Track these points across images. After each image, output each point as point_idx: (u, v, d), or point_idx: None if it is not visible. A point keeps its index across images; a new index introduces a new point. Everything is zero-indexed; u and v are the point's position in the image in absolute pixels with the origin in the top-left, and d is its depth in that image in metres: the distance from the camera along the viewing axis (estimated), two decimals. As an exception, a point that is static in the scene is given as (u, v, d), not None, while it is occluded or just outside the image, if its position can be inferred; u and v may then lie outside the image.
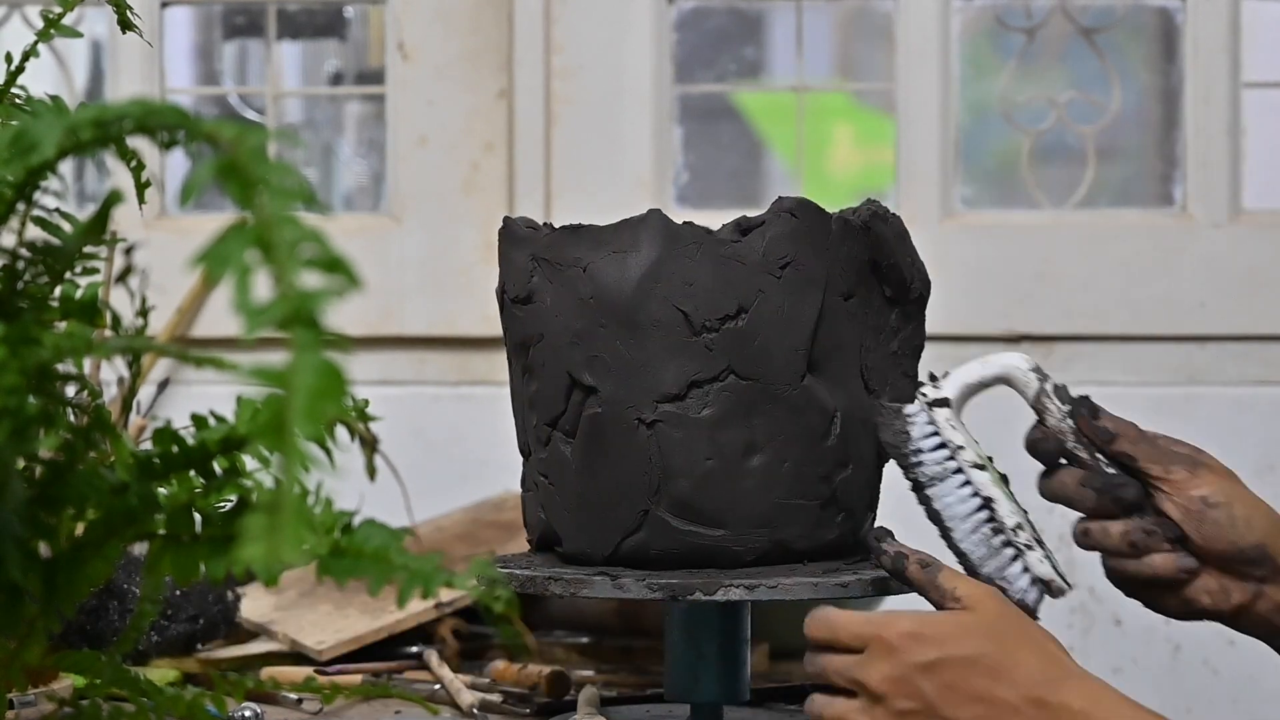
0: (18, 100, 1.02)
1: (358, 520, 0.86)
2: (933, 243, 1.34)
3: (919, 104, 2.16)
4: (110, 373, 1.85)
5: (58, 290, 0.90)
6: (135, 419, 1.90)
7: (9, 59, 1.05)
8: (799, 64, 2.25)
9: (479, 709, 1.44)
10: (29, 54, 1.05)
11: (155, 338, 2.01)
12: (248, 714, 1.36)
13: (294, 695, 1.44)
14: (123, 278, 1.10)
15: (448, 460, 2.11)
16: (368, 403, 0.95)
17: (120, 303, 1.12)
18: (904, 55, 2.16)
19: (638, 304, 1.24)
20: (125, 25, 1.08)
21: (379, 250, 2.16)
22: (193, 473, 0.90)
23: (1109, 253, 2.14)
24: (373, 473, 0.91)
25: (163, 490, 0.90)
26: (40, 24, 1.07)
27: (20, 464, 0.87)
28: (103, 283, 0.93)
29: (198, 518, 0.90)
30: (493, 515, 1.89)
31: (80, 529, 0.90)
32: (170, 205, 2.22)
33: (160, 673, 1.52)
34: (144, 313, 1.31)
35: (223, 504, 0.90)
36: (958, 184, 2.18)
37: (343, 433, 0.92)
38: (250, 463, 0.90)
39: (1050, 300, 2.14)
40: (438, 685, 1.50)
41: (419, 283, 2.16)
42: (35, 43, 1.06)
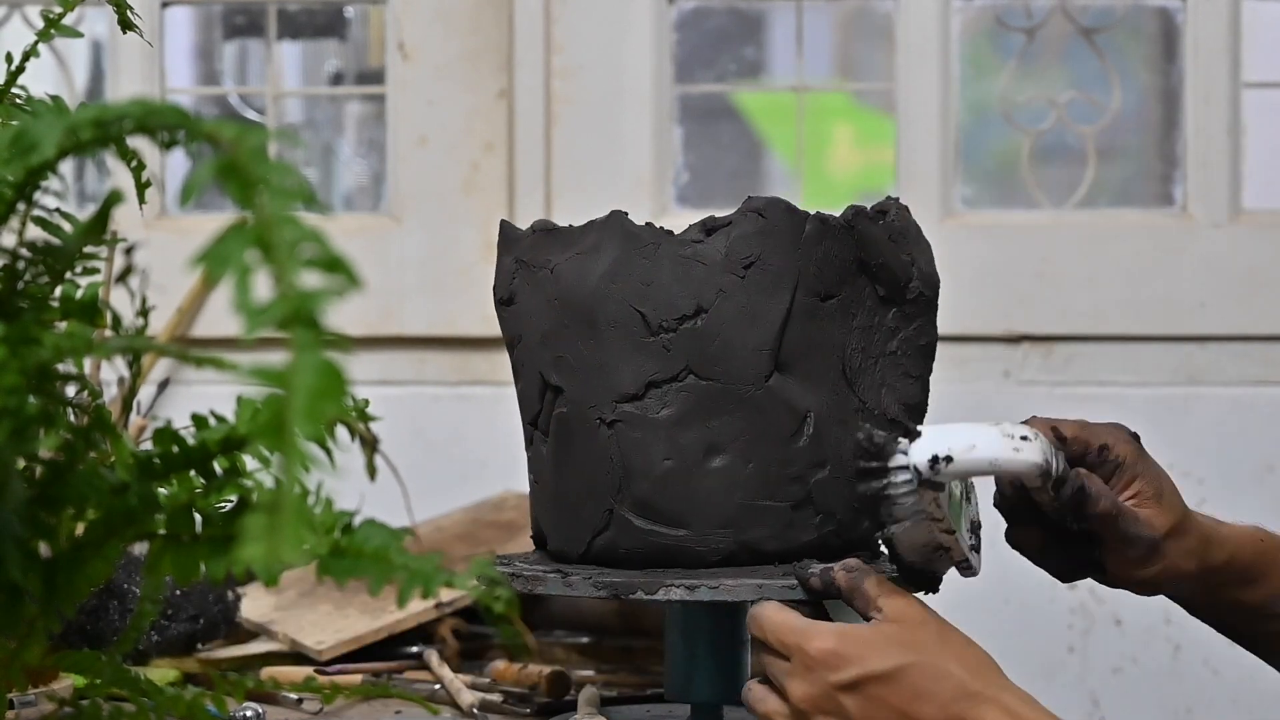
0: (18, 100, 1.02)
1: (358, 520, 0.86)
2: (933, 243, 1.34)
3: (919, 104, 2.16)
4: (110, 373, 1.85)
5: (58, 290, 0.90)
6: (135, 419, 1.90)
7: (9, 59, 1.05)
8: (799, 64, 2.25)
9: (479, 709, 1.44)
10: (29, 54, 1.05)
11: (155, 338, 2.01)
12: (248, 714, 1.36)
13: (294, 695, 1.44)
14: (123, 278, 1.10)
15: (448, 460, 2.11)
16: (368, 403, 0.95)
17: (120, 303, 1.12)
18: (904, 55, 2.16)
19: (596, 304, 1.25)
20: (125, 25, 1.08)
21: (379, 250, 2.16)
22: (193, 473, 0.90)
23: (1109, 253, 2.14)
24: (373, 473, 0.91)
25: (163, 490, 0.90)
26: (40, 24, 1.07)
27: (20, 464, 0.87)
28: (103, 283, 0.93)
29: (198, 518, 0.90)
30: (493, 515, 1.89)
31: (80, 529, 0.90)
32: (170, 205, 2.22)
33: (160, 673, 1.52)
34: (144, 313, 1.31)
35: (223, 504, 0.90)
36: (958, 184, 2.18)
37: (343, 433, 0.92)
38: (250, 463, 0.90)
39: (1050, 300, 2.14)
40: (438, 685, 1.51)
41: (419, 283, 2.16)
42: (35, 43, 1.06)
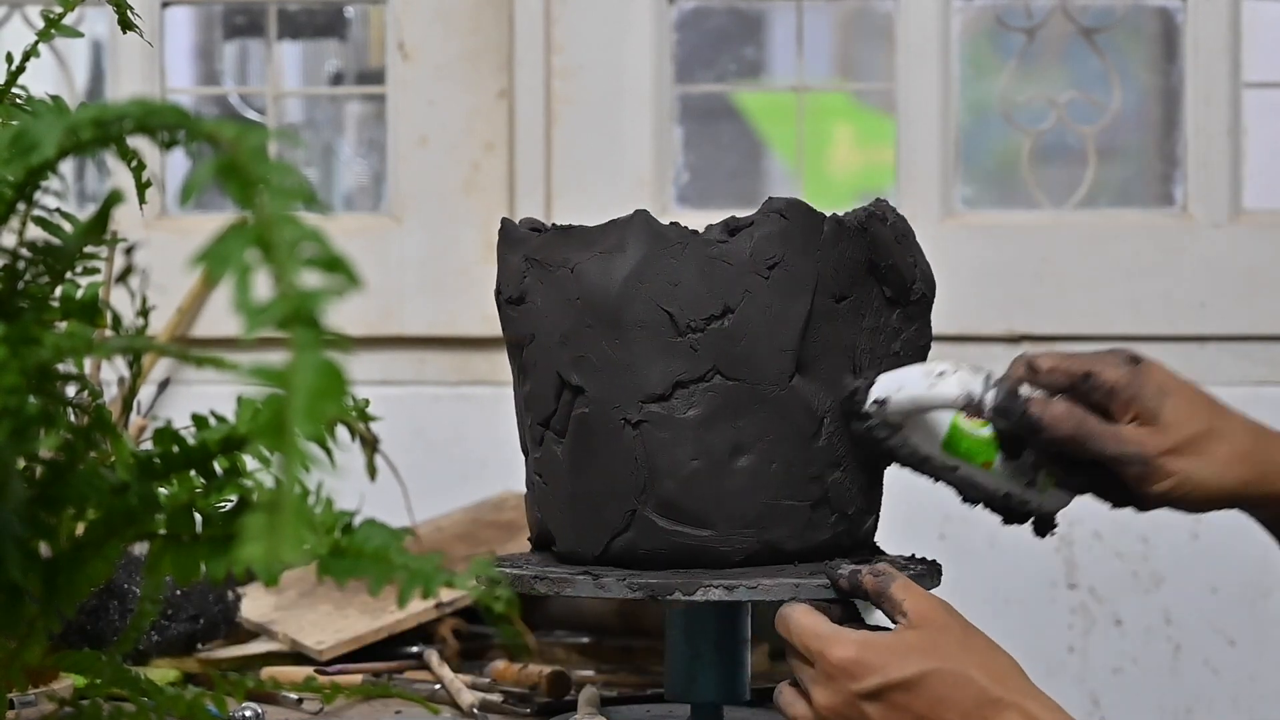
0: (18, 100, 1.02)
1: (358, 520, 0.86)
2: (933, 243, 1.34)
3: (919, 104, 2.16)
4: (110, 373, 1.85)
5: (58, 290, 0.90)
6: (135, 419, 1.90)
7: (9, 59, 1.05)
8: (799, 64, 2.25)
9: (479, 709, 1.44)
10: (29, 54, 1.05)
11: (155, 338, 2.01)
12: (248, 714, 1.36)
13: (294, 695, 1.44)
14: (123, 277, 1.10)
15: (448, 460, 2.11)
16: (368, 403, 0.95)
17: (120, 302, 1.12)
18: (904, 55, 2.16)
19: (622, 304, 1.24)
20: (126, 25, 1.08)
21: (379, 250, 2.16)
22: (193, 473, 0.90)
23: (1109, 253, 2.14)
24: (373, 473, 0.91)
25: (163, 490, 0.90)
26: (41, 24, 1.07)
27: (20, 464, 0.87)
28: (103, 283, 0.93)
29: (198, 518, 0.90)
30: (493, 515, 1.89)
31: (80, 529, 0.90)
32: (171, 205, 2.22)
33: (160, 673, 1.52)
34: (144, 312, 1.31)
35: (223, 504, 0.90)
36: (958, 184, 2.18)
37: (343, 432, 0.92)
38: (250, 463, 0.90)
39: (1050, 300, 2.14)
40: (438, 685, 1.51)
41: (419, 283, 2.16)
42: (36, 43, 1.06)
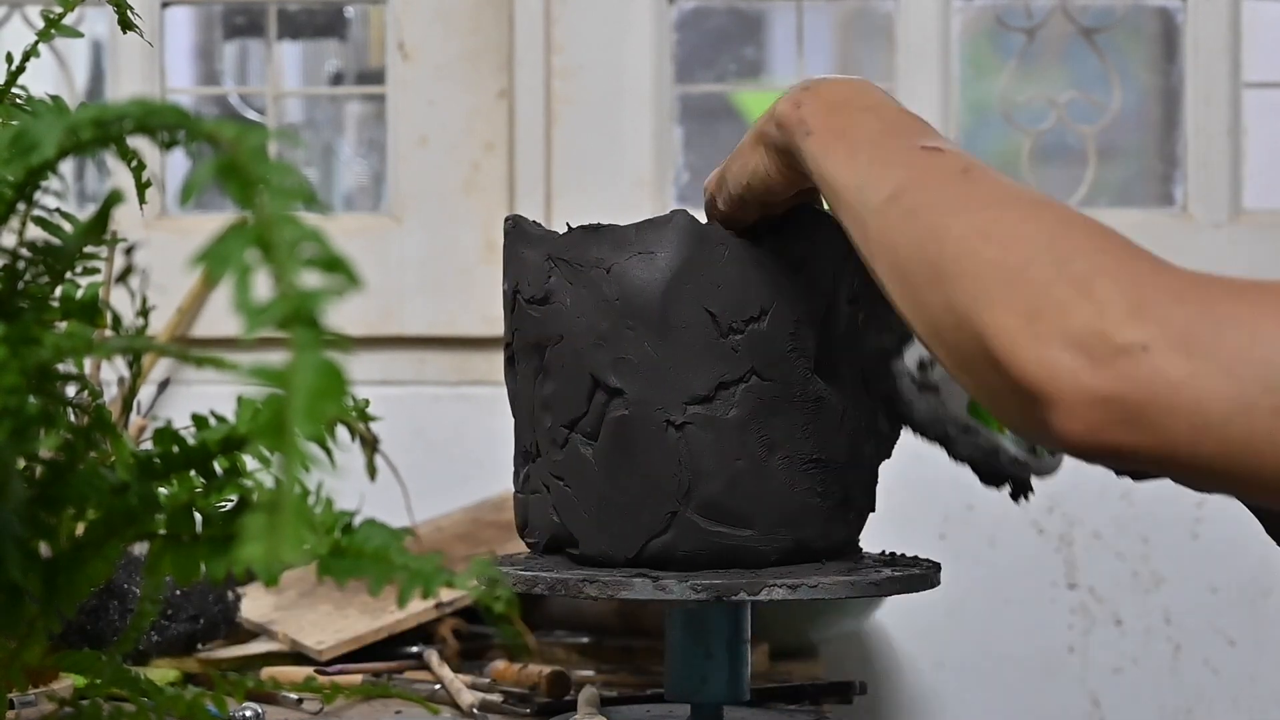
0: (18, 100, 1.02)
1: (358, 520, 0.86)
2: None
3: (919, 104, 2.16)
4: (110, 373, 1.85)
5: (58, 290, 0.90)
6: (135, 419, 1.90)
7: (9, 59, 1.04)
8: (799, 64, 2.25)
9: (479, 709, 1.44)
10: (29, 54, 1.05)
11: (155, 337, 2.01)
12: (248, 714, 1.36)
13: (294, 695, 1.44)
14: (123, 278, 1.10)
15: (448, 460, 2.11)
16: (368, 403, 0.95)
17: (121, 302, 1.12)
18: (904, 55, 2.16)
19: (667, 305, 1.24)
20: (125, 25, 1.08)
21: (379, 250, 2.16)
22: (193, 473, 0.90)
23: (1109, 253, 2.14)
24: (373, 473, 0.91)
25: (163, 490, 0.90)
26: (40, 24, 1.07)
27: (20, 464, 0.87)
28: (103, 283, 0.93)
29: (198, 518, 0.90)
30: (493, 515, 1.89)
31: (80, 529, 0.90)
32: (171, 205, 2.22)
33: (160, 673, 1.52)
34: (144, 312, 1.31)
35: (223, 504, 0.90)
36: (958, 184, 2.18)
37: (343, 433, 0.92)
38: (251, 463, 0.90)
39: (1050, 300, 2.14)
40: (438, 685, 1.51)
41: (419, 283, 2.16)
42: (36, 43, 1.06)
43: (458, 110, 2.17)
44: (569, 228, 1.28)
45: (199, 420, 0.92)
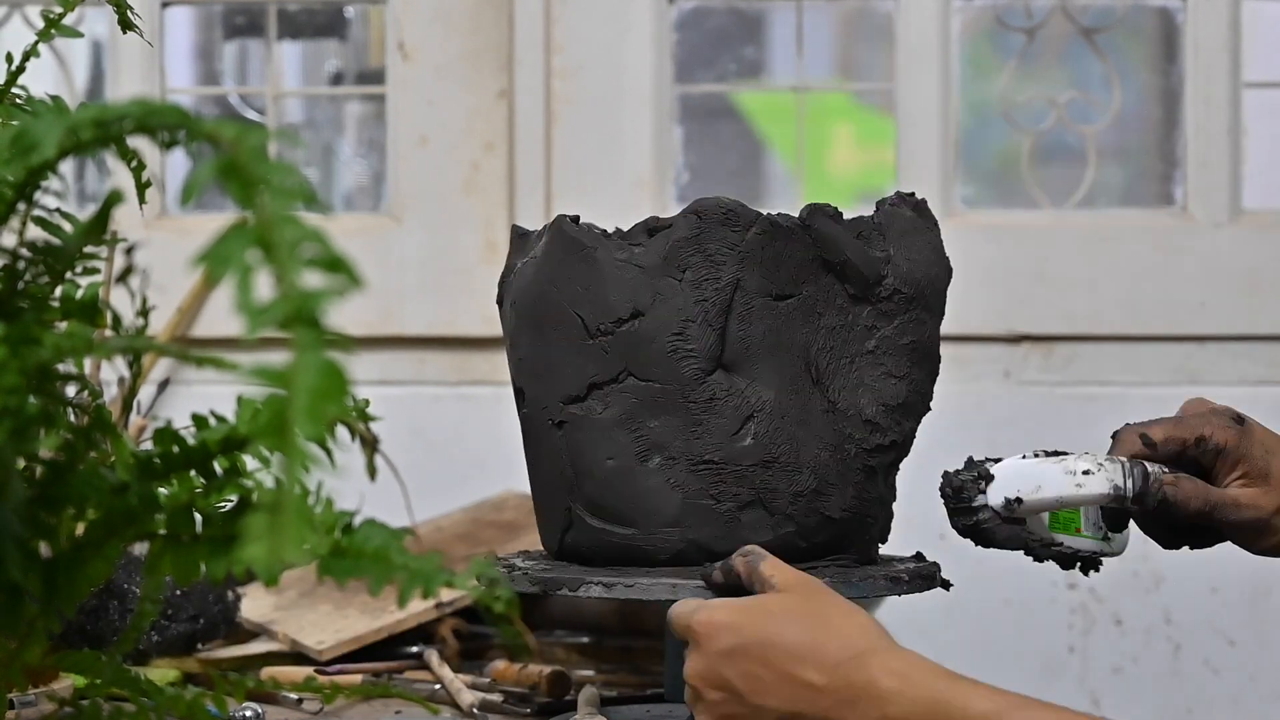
0: (18, 100, 1.02)
1: (358, 520, 0.86)
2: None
3: (919, 104, 2.16)
4: (111, 373, 1.85)
5: (58, 290, 0.90)
6: (136, 419, 1.90)
7: (9, 59, 1.04)
8: (799, 64, 2.25)
9: (479, 709, 1.44)
10: (29, 54, 1.05)
11: (156, 338, 2.01)
12: (248, 714, 1.36)
13: (294, 695, 1.44)
14: (123, 278, 1.10)
15: (448, 460, 2.11)
16: (368, 403, 0.95)
17: (121, 302, 1.12)
18: (904, 55, 2.16)
19: (541, 308, 1.28)
20: (126, 25, 1.08)
21: (379, 250, 2.16)
22: (193, 473, 0.90)
23: (1109, 253, 2.14)
24: (373, 473, 0.91)
25: (163, 490, 0.90)
26: (41, 24, 1.07)
27: (20, 464, 0.87)
28: (103, 283, 0.93)
29: (198, 518, 0.90)
30: (493, 515, 1.89)
31: (80, 529, 0.90)
32: (171, 205, 2.22)
33: (160, 673, 1.52)
34: (144, 312, 1.31)
35: (223, 504, 0.90)
36: (958, 184, 2.18)
37: (343, 433, 0.92)
38: (251, 463, 0.90)
39: (1050, 300, 2.14)
40: (438, 685, 1.50)
41: (419, 283, 2.16)
42: (36, 43, 1.06)
43: (458, 110, 2.17)
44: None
45: (199, 420, 0.92)
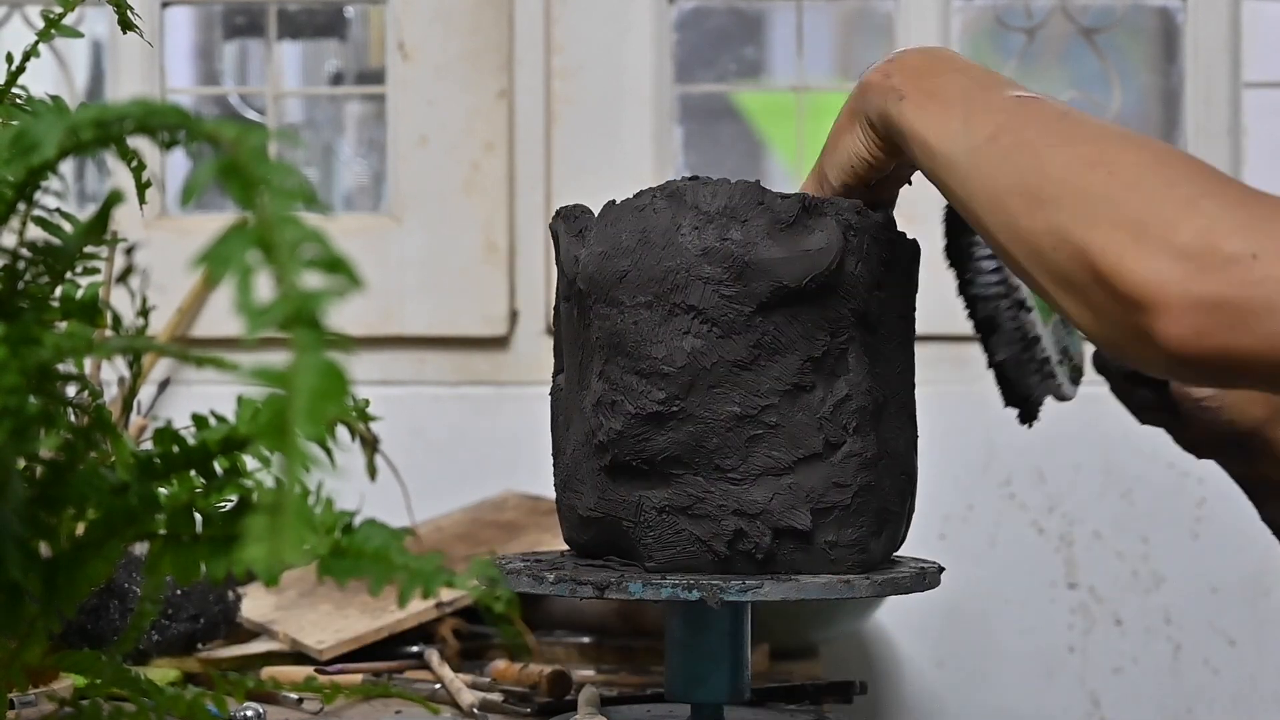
0: (18, 100, 1.02)
1: (358, 520, 0.86)
2: (934, 241, 1.34)
3: (919, 104, 2.16)
4: (111, 373, 1.85)
5: (58, 290, 0.90)
6: (136, 419, 1.90)
7: (9, 59, 1.04)
8: (799, 64, 2.25)
9: (479, 709, 1.44)
10: (29, 54, 1.05)
11: (156, 338, 2.01)
12: (248, 714, 1.36)
13: (294, 695, 1.44)
14: (123, 278, 1.10)
15: (448, 460, 2.11)
16: (368, 403, 0.95)
17: (121, 303, 1.12)
18: (904, 55, 2.16)
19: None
20: (126, 25, 1.08)
21: (379, 250, 2.16)
22: (193, 473, 0.90)
23: (1109, 253, 2.14)
24: (373, 473, 0.91)
25: (163, 490, 0.90)
26: (41, 24, 1.07)
27: (20, 464, 0.87)
28: (103, 283, 0.93)
29: (198, 518, 0.90)
30: (493, 515, 1.89)
31: (80, 529, 0.90)
32: (171, 205, 2.22)
33: (161, 672, 1.52)
34: (144, 313, 1.31)
35: (223, 504, 0.90)
36: (958, 184, 2.18)
37: (343, 433, 0.92)
38: (251, 463, 0.90)
39: (1050, 300, 2.14)
40: (438, 685, 1.50)
41: (419, 283, 2.16)
42: (36, 43, 1.06)
43: (458, 110, 2.17)
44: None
45: (199, 420, 0.92)
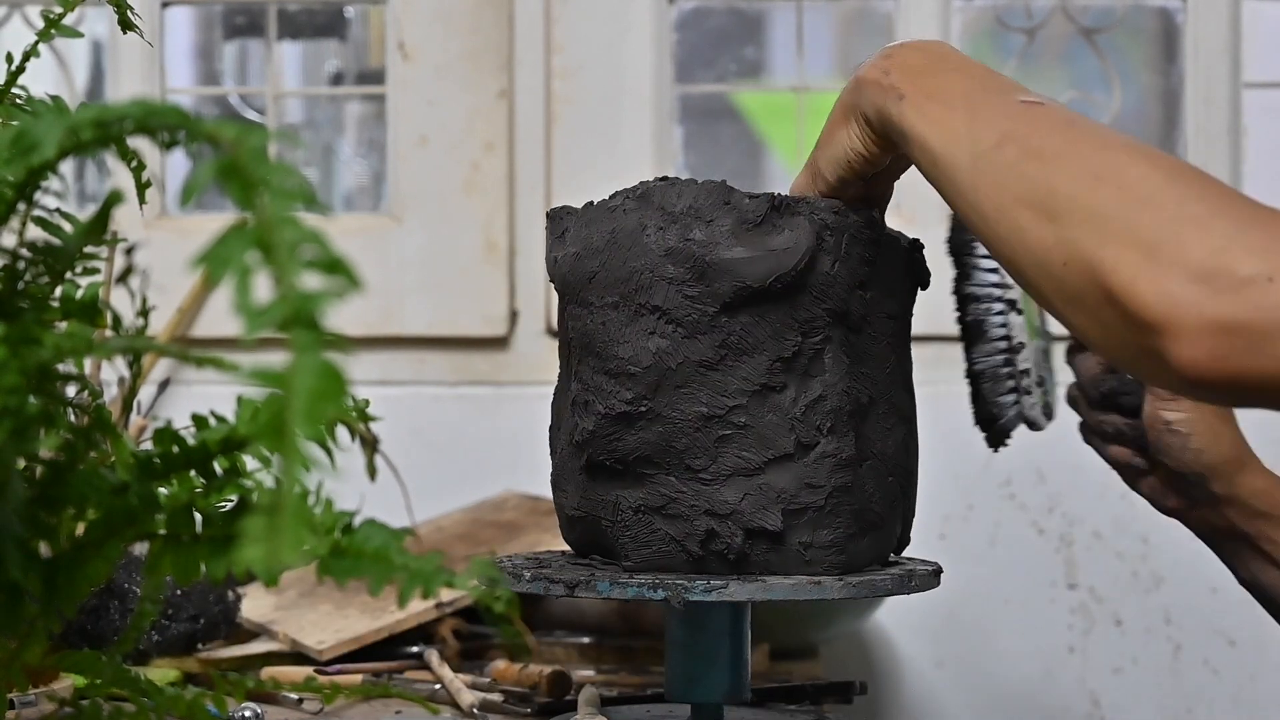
0: (18, 100, 1.02)
1: (358, 520, 0.86)
2: (935, 242, 1.34)
3: (919, 104, 2.16)
4: (111, 373, 1.85)
5: (58, 290, 0.90)
6: (136, 419, 1.90)
7: (9, 59, 1.04)
8: (799, 64, 2.25)
9: (479, 709, 1.44)
10: (29, 54, 1.05)
11: (155, 338, 2.01)
12: (248, 714, 1.36)
13: (294, 695, 1.44)
14: (123, 278, 1.10)
15: (448, 460, 2.11)
16: (368, 403, 0.95)
17: (121, 303, 1.12)
18: (904, 55, 2.16)
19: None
20: (126, 25, 1.08)
21: (379, 250, 2.16)
22: (193, 473, 0.90)
23: (1109, 253, 2.14)
24: (373, 473, 0.91)
25: (163, 490, 0.90)
26: (41, 24, 1.07)
27: (20, 464, 0.87)
28: (103, 283, 0.93)
29: (198, 518, 0.90)
30: (493, 515, 1.89)
31: (80, 529, 0.90)
32: (171, 205, 2.22)
33: (161, 673, 1.52)
34: (144, 313, 1.31)
35: (223, 504, 0.90)
36: (958, 184, 2.18)
37: (343, 433, 0.92)
38: (251, 463, 0.90)
39: (1050, 300, 2.14)
40: (438, 685, 1.51)
41: (419, 283, 2.16)
42: (36, 43, 1.06)
43: (458, 110, 2.17)
44: None
45: (199, 420, 0.92)
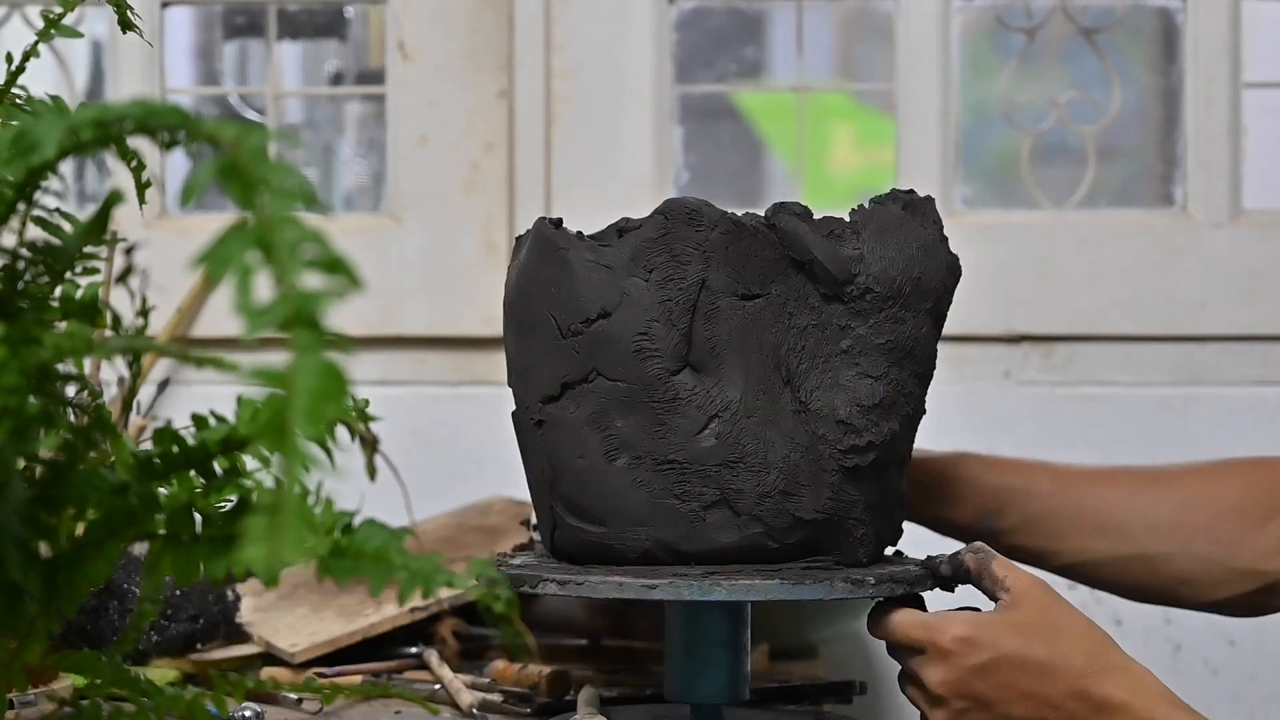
0: (18, 100, 1.02)
1: (358, 520, 0.86)
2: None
3: (919, 104, 2.16)
4: (110, 373, 1.85)
5: (58, 290, 0.90)
6: (135, 419, 1.90)
7: (9, 59, 1.05)
8: (799, 64, 2.25)
9: (479, 709, 1.44)
10: (29, 54, 1.05)
11: (155, 338, 2.01)
12: (248, 714, 1.36)
13: (294, 695, 1.44)
14: (123, 278, 1.10)
15: (448, 460, 2.11)
16: (368, 403, 0.95)
17: (120, 303, 1.12)
18: (904, 55, 2.16)
19: (521, 310, 1.30)
20: (125, 25, 1.08)
21: (379, 250, 2.16)
22: (193, 473, 0.91)
23: (1109, 253, 2.14)
24: (373, 473, 0.91)
25: (163, 490, 0.90)
26: (40, 24, 1.07)
27: (20, 464, 0.87)
28: (103, 283, 0.93)
29: (198, 518, 0.90)
30: (477, 520, 1.89)
31: (80, 529, 0.90)
32: (171, 205, 2.22)
33: (160, 673, 1.52)
34: (144, 313, 1.31)
35: (223, 504, 0.90)
36: (958, 184, 2.18)
37: (343, 433, 0.92)
38: (251, 463, 0.90)
39: (1050, 300, 2.14)
40: (438, 685, 1.51)
41: (419, 283, 2.16)
42: (36, 43, 1.06)
43: (458, 110, 2.17)
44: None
45: (199, 420, 0.92)
